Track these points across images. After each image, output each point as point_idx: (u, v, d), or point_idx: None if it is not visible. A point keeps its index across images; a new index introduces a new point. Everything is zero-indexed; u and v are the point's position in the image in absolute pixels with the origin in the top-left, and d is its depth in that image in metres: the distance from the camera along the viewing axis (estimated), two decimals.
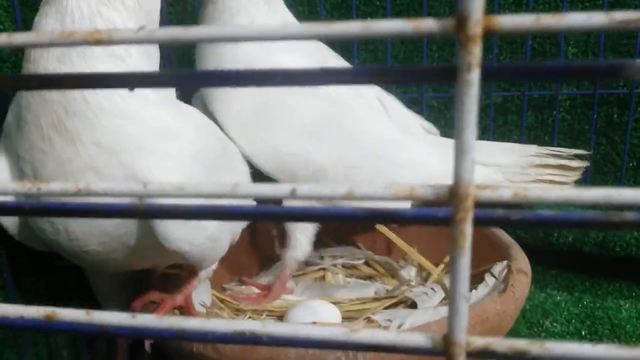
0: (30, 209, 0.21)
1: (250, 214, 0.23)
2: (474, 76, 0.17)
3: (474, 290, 0.61)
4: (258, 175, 0.68)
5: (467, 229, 0.18)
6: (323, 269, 0.81)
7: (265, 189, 0.20)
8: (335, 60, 0.72)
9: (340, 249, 0.84)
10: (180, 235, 0.50)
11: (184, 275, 0.61)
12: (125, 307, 0.64)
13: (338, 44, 0.78)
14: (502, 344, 0.19)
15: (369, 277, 0.80)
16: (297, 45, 0.67)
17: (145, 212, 0.23)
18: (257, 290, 0.76)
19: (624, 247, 0.78)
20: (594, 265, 0.82)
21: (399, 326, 0.59)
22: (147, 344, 0.56)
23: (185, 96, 0.68)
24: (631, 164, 0.84)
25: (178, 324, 0.21)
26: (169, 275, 0.64)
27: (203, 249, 0.53)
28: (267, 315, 0.70)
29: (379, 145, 0.69)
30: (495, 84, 0.82)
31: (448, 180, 0.18)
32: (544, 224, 0.19)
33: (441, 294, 0.68)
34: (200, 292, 0.65)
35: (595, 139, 0.83)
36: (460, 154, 0.18)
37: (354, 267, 0.82)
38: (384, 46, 0.83)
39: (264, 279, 0.80)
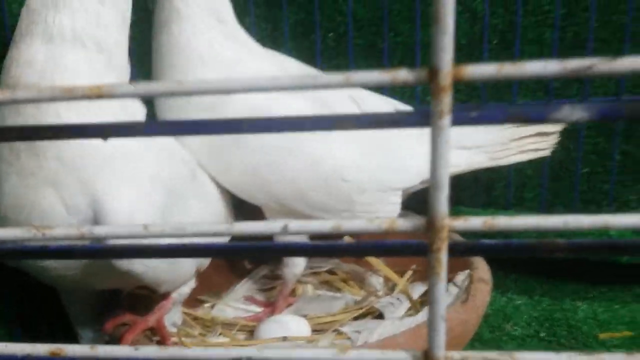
0: None
1: (224, 250, 0.24)
2: (446, 122, 0.19)
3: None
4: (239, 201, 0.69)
5: (443, 257, 0.20)
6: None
7: (259, 227, 0.22)
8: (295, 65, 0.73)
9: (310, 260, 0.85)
10: None
11: (156, 297, 0.62)
12: (97, 322, 0.65)
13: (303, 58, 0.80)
14: (476, 356, 0.21)
15: (338, 289, 0.81)
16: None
17: (112, 252, 0.24)
18: (258, 309, 0.77)
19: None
20: (551, 268, 0.85)
21: (367, 338, 0.61)
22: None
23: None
24: (585, 170, 0.87)
25: (180, 354, 0.22)
26: (139, 296, 0.64)
27: (158, 272, 0.53)
28: (237, 330, 0.72)
29: (381, 149, 0.70)
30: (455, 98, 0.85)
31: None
32: (508, 251, 0.22)
33: (407, 304, 0.70)
34: (171, 312, 0.66)
35: None
36: (435, 190, 0.19)
37: (323, 277, 0.83)
38: (347, 61, 0.85)
39: (239, 292, 0.81)
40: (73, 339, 0.68)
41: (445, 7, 0.18)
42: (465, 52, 0.83)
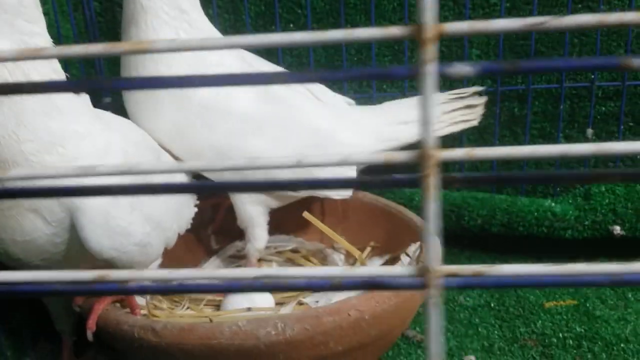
0: None
1: (188, 188, 0.28)
2: (431, 68, 0.23)
3: (392, 268, 0.68)
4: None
5: (433, 182, 0.25)
6: (260, 259, 0.87)
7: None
8: (260, 64, 0.77)
9: (274, 237, 0.89)
10: (107, 244, 0.54)
11: None
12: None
13: (264, 51, 0.84)
14: (467, 269, 0.26)
15: (301, 265, 0.86)
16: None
17: (65, 191, 0.28)
18: None
19: (527, 227, 0.87)
20: (502, 244, 0.91)
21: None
22: (89, 333, 0.59)
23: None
24: None
25: (210, 274, 0.25)
26: None
27: (132, 255, 0.58)
28: (205, 305, 0.75)
29: (318, 134, 0.75)
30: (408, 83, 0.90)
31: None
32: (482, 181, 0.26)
33: None
34: None
35: (499, 131, 0.92)
36: (424, 126, 0.24)
37: (287, 255, 0.88)
38: (307, 52, 0.89)
39: (209, 268, 0.85)
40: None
41: None
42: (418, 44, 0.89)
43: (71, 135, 0.54)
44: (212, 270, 0.79)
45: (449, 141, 0.91)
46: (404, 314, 0.61)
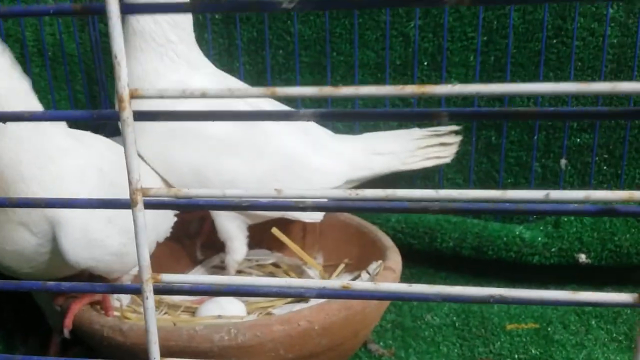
0: None
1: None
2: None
3: None
4: None
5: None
6: (239, 271, 0.92)
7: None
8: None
9: (256, 251, 0.94)
10: (84, 255, 0.60)
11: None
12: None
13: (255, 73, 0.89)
14: None
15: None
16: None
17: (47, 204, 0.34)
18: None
19: (495, 251, 0.91)
20: (474, 267, 0.94)
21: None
22: (66, 331, 0.65)
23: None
24: (509, 180, 0.97)
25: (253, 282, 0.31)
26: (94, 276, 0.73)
27: (109, 264, 0.63)
28: (182, 311, 0.81)
29: (292, 157, 0.80)
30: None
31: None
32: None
33: None
34: None
35: (477, 158, 0.96)
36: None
37: (265, 268, 0.92)
38: (295, 75, 0.95)
39: None
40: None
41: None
42: (399, 72, 0.93)
43: (56, 154, 0.60)
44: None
45: (430, 167, 0.95)
46: (355, 327, 0.65)
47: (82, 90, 0.95)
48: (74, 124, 0.68)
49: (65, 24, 0.92)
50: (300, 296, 0.33)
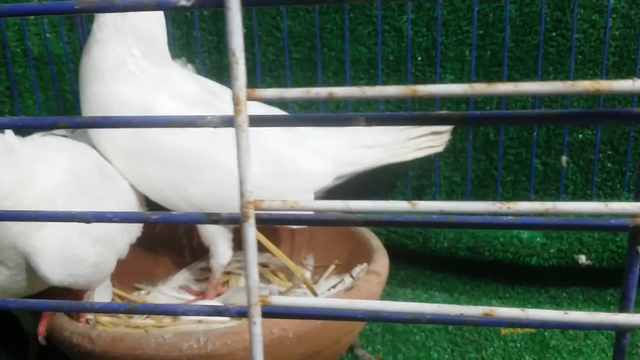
0: None
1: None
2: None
3: (332, 289, 0.70)
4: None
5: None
6: (228, 272, 0.90)
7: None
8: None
9: (242, 252, 0.92)
10: (63, 274, 0.59)
11: None
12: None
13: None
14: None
15: (269, 280, 0.89)
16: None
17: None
18: (191, 297, 0.85)
19: (492, 252, 0.88)
20: (471, 268, 0.91)
21: None
22: (41, 337, 0.64)
23: None
24: (508, 178, 0.93)
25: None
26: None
27: (87, 277, 0.62)
28: (165, 315, 0.79)
29: (277, 159, 0.77)
30: None
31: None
32: None
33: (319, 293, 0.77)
34: (100, 292, 0.74)
35: (475, 155, 0.93)
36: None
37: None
38: (285, 72, 0.92)
39: (176, 281, 0.89)
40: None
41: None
42: (392, 68, 0.90)
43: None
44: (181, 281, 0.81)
45: (426, 163, 0.92)
46: (334, 334, 0.63)
47: (71, 90, 0.94)
48: None
49: (52, 24, 0.91)
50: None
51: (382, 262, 0.72)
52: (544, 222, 0.27)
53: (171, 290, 0.86)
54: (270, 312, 0.31)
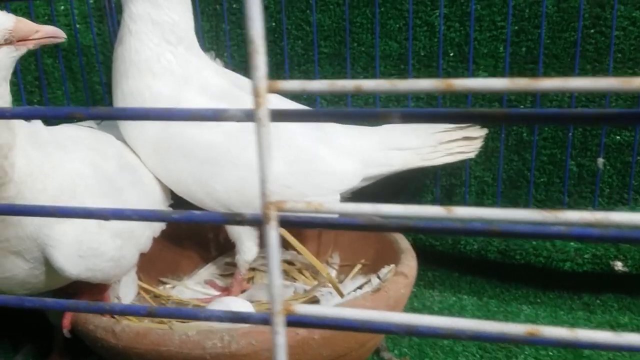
0: None
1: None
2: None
3: (358, 289, 0.68)
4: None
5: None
6: (253, 269, 0.89)
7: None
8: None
9: None
10: (82, 267, 0.58)
11: None
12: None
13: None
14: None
15: (294, 278, 0.87)
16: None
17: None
18: (216, 292, 0.84)
19: (524, 256, 0.85)
20: (501, 272, 0.89)
21: None
22: (66, 330, 0.63)
23: None
24: (541, 180, 0.91)
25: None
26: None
27: (106, 271, 0.61)
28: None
29: (304, 157, 0.76)
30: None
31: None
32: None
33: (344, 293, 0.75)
34: (126, 285, 0.73)
35: (507, 155, 0.90)
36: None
37: (283, 267, 0.89)
38: (314, 67, 0.91)
39: (201, 276, 0.88)
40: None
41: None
42: (423, 64, 0.88)
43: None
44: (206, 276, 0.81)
45: (456, 162, 0.90)
46: (361, 338, 0.61)
47: (99, 81, 0.94)
48: None
49: (82, 15, 0.91)
50: None
51: (410, 263, 0.70)
52: (598, 233, 0.24)
53: (196, 284, 0.85)
54: (295, 322, 0.29)
